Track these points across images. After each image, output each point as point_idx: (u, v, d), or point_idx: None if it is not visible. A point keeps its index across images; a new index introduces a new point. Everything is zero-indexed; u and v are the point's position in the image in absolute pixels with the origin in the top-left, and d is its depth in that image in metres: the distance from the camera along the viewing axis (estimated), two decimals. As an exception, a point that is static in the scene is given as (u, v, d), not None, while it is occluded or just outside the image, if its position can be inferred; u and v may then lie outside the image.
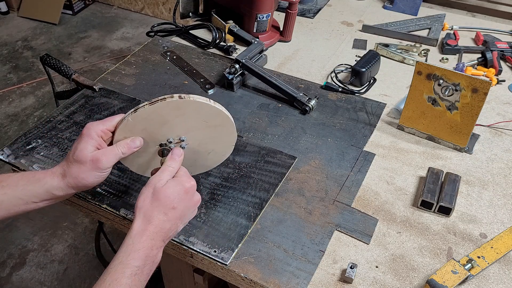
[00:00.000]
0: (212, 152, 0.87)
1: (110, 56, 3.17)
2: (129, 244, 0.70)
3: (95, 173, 0.76)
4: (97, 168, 0.76)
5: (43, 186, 0.77)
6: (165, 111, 0.78)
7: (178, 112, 0.78)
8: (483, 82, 0.96)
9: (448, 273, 0.79)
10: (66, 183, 0.77)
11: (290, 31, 1.42)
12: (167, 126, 0.80)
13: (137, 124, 0.79)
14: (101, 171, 0.76)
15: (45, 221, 2.14)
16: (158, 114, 0.78)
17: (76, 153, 0.76)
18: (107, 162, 0.76)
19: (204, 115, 0.80)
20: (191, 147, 0.84)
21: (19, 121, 2.68)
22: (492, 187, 0.99)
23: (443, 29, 1.47)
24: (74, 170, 0.76)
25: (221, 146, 0.87)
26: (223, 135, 0.85)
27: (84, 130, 0.78)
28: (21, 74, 3.03)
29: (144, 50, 1.39)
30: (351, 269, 0.80)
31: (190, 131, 0.82)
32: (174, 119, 0.79)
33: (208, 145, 0.85)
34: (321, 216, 0.92)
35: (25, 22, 3.53)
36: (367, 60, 1.24)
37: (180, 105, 0.77)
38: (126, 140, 0.79)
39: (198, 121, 0.81)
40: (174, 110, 0.78)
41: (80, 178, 0.76)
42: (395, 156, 1.06)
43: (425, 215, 0.93)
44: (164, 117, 0.79)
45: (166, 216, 0.73)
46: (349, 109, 1.18)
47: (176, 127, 0.81)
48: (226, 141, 0.87)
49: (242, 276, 0.82)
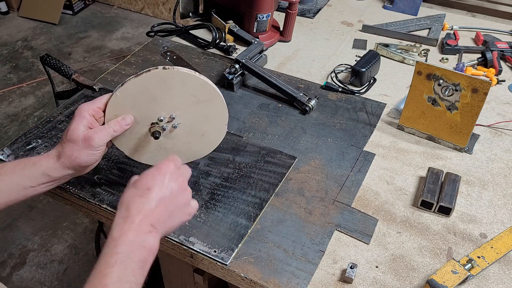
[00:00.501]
0: (205, 134, 0.88)
1: (110, 56, 3.17)
2: (111, 235, 0.68)
3: (87, 151, 0.78)
4: (90, 146, 0.78)
5: (39, 168, 0.78)
6: (152, 84, 0.79)
7: (165, 85, 0.80)
8: (483, 82, 0.96)
9: (448, 273, 0.79)
10: (61, 164, 0.78)
11: (290, 31, 1.42)
12: (156, 103, 0.81)
13: (126, 100, 0.80)
14: (94, 149, 0.78)
15: (45, 221, 2.14)
16: (145, 88, 0.79)
17: (69, 133, 0.78)
18: (99, 140, 0.78)
19: (191, 88, 0.81)
20: (183, 127, 0.85)
21: (19, 121, 2.68)
22: (492, 187, 0.99)
23: (443, 29, 1.47)
24: (68, 150, 0.78)
25: (214, 126, 0.87)
26: (214, 113, 0.85)
27: (76, 111, 0.80)
28: (21, 74, 3.03)
29: (144, 50, 1.39)
30: (351, 269, 0.80)
31: (179, 108, 0.83)
32: (162, 95, 0.81)
33: (200, 125, 0.86)
34: (321, 216, 0.92)
35: (25, 22, 3.53)
36: (367, 60, 1.24)
37: (166, 76, 0.79)
38: (117, 118, 0.81)
39: (186, 97, 0.82)
40: (160, 83, 0.79)
41: (74, 157, 0.78)
42: (395, 156, 1.06)
43: (425, 215, 0.93)
44: (152, 92, 0.80)
45: (142, 198, 0.70)
46: (349, 109, 1.18)
47: (165, 103, 0.82)
48: (218, 119, 0.87)
49: (242, 276, 0.82)
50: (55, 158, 0.79)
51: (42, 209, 2.19)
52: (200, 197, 0.94)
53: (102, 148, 0.80)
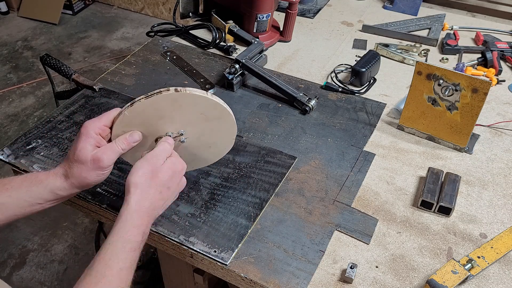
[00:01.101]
0: (213, 146, 0.87)
1: (110, 56, 3.17)
2: (127, 219, 0.70)
3: (97, 172, 0.77)
4: (99, 168, 0.76)
5: (47, 187, 0.77)
6: (162, 104, 0.78)
7: (175, 105, 0.79)
8: (483, 82, 0.96)
9: (448, 273, 0.79)
10: (69, 184, 0.77)
11: (290, 31, 1.42)
12: (165, 120, 0.80)
13: (135, 118, 0.79)
14: (103, 170, 0.77)
15: (45, 221, 2.14)
16: (154, 108, 0.78)
17: (76, 153, 0.76)
18: (108, 160, 0.76)
19: (201, 108, 0.80)
20: (191, 141, 0.84)
21: (19, 121, 2.68)
22: (492, 187, 0.99)
23: (443, 29, 1.47)
24: (76, 170, 0.76)
25: (222, 139, 0.87)
26: (222, 128, 0.85)
27: (82, 129, 0.78)
28: (21, 74, 3.03)
29: (144, 50, 1.39)
30: (351, 269, 0.80)
31: (188, 124, 0.82)
32: (171, 113, 0.79)
33: (209, 138, 0.85)
34: (321, 216, 0.92)
35: (25, 22, 3.53)
36: (367, 60, 1.24)
37: (177, 98, 0.77)
38: (125, 135, 0.79)
39: (196, 114, 0.81)
40: (171, 103, 0.78)
41: (83, 178, 0.76)
42: (395, 156, 1.06)
43: (425, 215, 0.93)
44: (161, 111, 0.79)
45: (160, 195, 0.74)
46: (349, 109, 1.18)
47: (174, 120, 0.81)
48: (226, 134, 0.86)
49: (242, 276, 0.82)
50: (63, 177, 0.77)
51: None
52: (200, 197, 0.94)
53: (111, 167, 0.79)
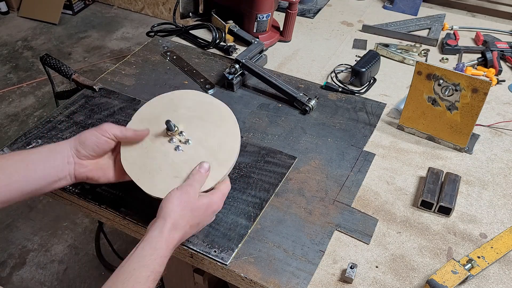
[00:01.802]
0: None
1: (110, 56, 3.17)
2: (156, 248, 0.71)
3: (96, 133, 0.82)
4: (99, 128, 0.83)
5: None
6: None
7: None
8: (483, 82, 0.96)
9: (448, 273, 0.79)
10: (69, 143, 0.83)
11: (290, 31, 1.42)
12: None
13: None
14: (102, 132, 0.82)
15: (45, 221, 2.14)
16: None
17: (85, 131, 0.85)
18: (109, 127, 0.83)
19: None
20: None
21: (19, 121, 2.68)
22: (492, 187, 0.99)
23: (443, 29, 1.47)
24: (80, 133, 0.84)
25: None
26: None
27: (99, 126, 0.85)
28: (21, 74, 3.03)
29: (144, 50, 1.39)
30: (351, 269, 0.80)
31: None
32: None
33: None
34: (321, 216, 0.92)
35: (25, 22, 3.53)
36: (367, 60, 1.24)
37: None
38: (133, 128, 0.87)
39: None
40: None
41: (83, 135, 0.83)
42: (395, 156, 1.06)
43: (425, 215, 0.93)
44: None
45: (190, 229, 0.77)
46: (349, 109, 1.18)
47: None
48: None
49: (242, 276, 0.82)
50: (66, 143, 0.83)
51: (42, 209, 2.19)
52: (200, 197, 0.94)
53: (109, 140, 0.83)
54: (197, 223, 0.77)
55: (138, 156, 0.85)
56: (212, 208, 0.79)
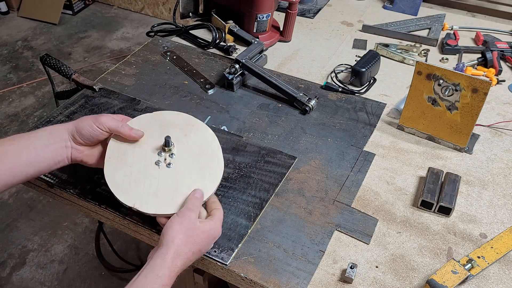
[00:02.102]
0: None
1: (110, 56, 3.17)
2: (158, 276, 0.70)
3: (91, 122, 0.84)
4: (95, 118, 0.84)
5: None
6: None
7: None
8: (483, 82, 0.96)
9: (448, 273, 0.79)
10: (71, 130, 0.85)
11: (290, 31, 1.42)
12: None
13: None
14: (97, 123, 0.84)
15: (45, 221, 2.14)
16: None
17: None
18: (106, 119, 0.85)
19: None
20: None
21: (19, 121, 2.68)
22: (492, 187, 0.99)
23: (443, 29, 1.47)
24: (78, 119, 0.86)
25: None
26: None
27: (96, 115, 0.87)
28: (21, 74, 3.03)
29: (144, 50, 1.39)
30: (351, 269, 0.80)
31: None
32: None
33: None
34: (321, 216, 0.92)
35: (25, 22, 3.53)
36: (367, 60, 1.24)
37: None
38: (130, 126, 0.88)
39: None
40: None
41: (80, 124, 0.84)
42: (395, 156, 1.06)
43: (425, 215, 0.93)
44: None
45: (193, 256, 0.76)
46: (349, 109, 1.18)
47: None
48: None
49: (242, 276, 0.82)
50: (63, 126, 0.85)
51: (42, 209, 2.19)
52: (200, 197, 0.94)
53: (103, 133, 0.85)
54: (199, 249, 0.77)
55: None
56: (213, 234, 0.79)
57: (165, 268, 0.71)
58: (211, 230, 0.78)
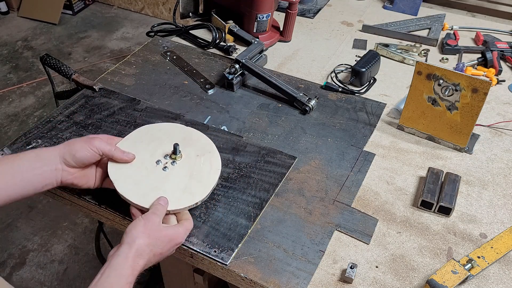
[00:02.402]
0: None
1: (110, 56, 3.17)
2: (122, 274, 0.72)
3: (84, 145, 0.84)
4: (88, 141, 0.84)
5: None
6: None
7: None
8: (483, 82, 0.96)
9: (448, 273, 0.79)
10: (57, 150, 0.84)
11: (290, 31, 1.42)
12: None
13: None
14: (90, 146, 0.84)
15: (45, 221, 2.14)
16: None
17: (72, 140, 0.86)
18: (99, 144, 0.84)
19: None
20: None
21: (19, 121, 2.68)
22: (492, 187, 0.99)
23: (443, 29, 1.47)
24: (69, 143, 0.85)
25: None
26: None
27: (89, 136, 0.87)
28: (21, 74, 3.03)
29: (144, 50, 1.39)
30: (351, 269, 0.80)
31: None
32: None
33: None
34: (321, 216, 0.92)
35: (25, 22, 3.53)
36: (367, 60, 1.24)
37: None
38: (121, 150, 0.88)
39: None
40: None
41: (73, 147, 0.84)
42: (395, 156, 1.06)
43: (425, 215, 0.93)
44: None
45: (153, 258, 0.77)
46: (349, 109, 1.18)
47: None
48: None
49: (242, 276, 0.82)
50: (56, 150, 0.84)
51: (42, 209, 2.19)
52: (200, 197, 0.94)
53: (96, 155, 0.85)
54: (160, 252, 0.78)
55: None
56: (176, 240, 0.80)
57: (128, 267, 0.72)
58: (174, 235, 0.79)
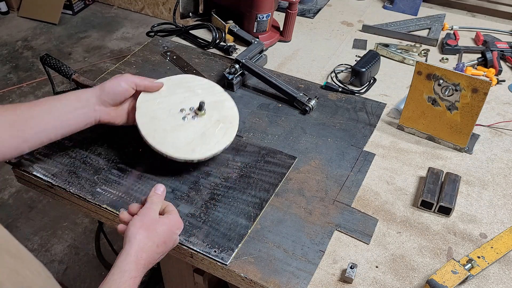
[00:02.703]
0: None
1: (110, 56, 3.17)
2: (125, 270, 0.73)
3: (116, 81, 0.95)
4: (119, 77, 0.96)
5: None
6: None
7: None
8: (483, 82, 0.96)
9: (448, 273, 0.79)
10: (99, 93, 0.94)
11: (290, 31, 1.42)
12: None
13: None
14: (122, 80, 0.95)
15: (45, 221, 2.14)
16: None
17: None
18: (130, 75, 0.97)
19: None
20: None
21: (19, 121, 2.67)
22: (492, 187, 0.99)
23: (443, 29, 1.47)
24: (102, 84, 0.96)
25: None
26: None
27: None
28: (21, 74, 3.03)
29: (144, 50, 1.39)
30: (351, 269, 0.80)
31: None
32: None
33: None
34: (321, 216, 0.92)
35: (25, 22, 3.53)
36: (367, 60, 1.24)
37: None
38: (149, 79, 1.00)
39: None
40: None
41: (107, 85, 0.95)
42: (395, 156, 1.06)
43: (425, 215, 0.93)
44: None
45: (158, 248, 0.78)
46: (349, 109, 1.18)
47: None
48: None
49: (242, 276, 0.82)
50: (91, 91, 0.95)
51: (42, 209, 2.19)
52: (200, 197, 0.94)
53: (127, 87, 0.95)
54: (163, 241, 0.78)
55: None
56: (175, 225, 0.81)
57: (130, 262, 0.73)
58: (171, 221, 0.81)
